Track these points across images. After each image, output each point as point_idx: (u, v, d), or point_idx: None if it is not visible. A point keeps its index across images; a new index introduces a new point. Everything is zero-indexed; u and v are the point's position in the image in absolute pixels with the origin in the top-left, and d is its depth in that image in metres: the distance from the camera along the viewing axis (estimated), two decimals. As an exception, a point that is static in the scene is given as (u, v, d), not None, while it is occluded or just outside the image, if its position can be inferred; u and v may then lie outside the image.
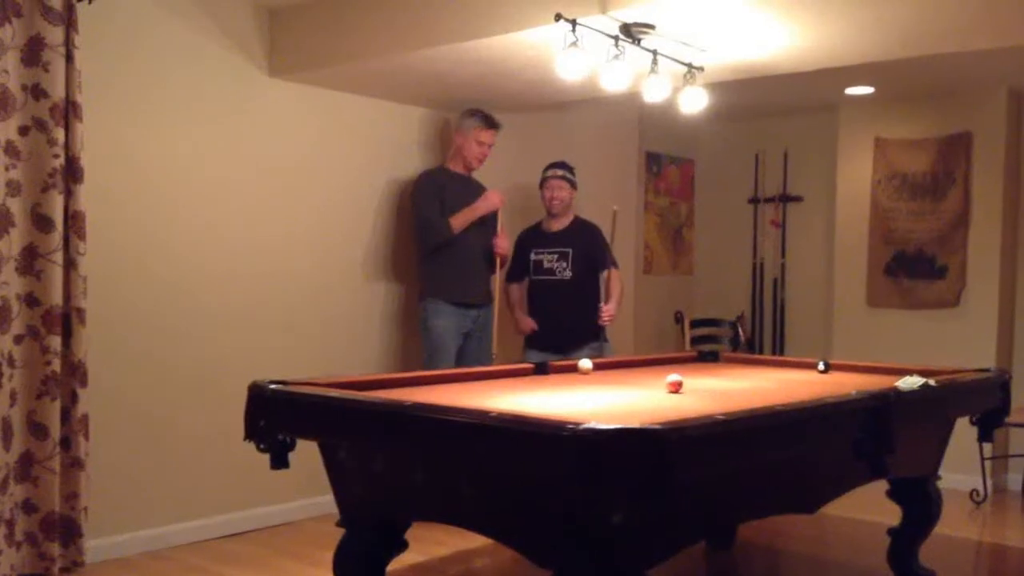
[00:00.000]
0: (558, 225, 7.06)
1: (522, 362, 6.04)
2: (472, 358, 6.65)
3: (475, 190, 6.89)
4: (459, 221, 6.63)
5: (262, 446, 3.94)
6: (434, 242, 6.67)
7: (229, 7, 6.10)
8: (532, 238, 7.13)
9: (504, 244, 6.89)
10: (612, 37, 5.09)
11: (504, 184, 7.13)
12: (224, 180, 6.11)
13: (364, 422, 3.72)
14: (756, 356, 7.52)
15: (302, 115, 6.53)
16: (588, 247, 6.91)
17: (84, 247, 5.21)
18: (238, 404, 4.02)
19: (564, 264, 6.92)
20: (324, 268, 6.67)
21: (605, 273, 7.01)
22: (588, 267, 6.93)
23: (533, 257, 7.06)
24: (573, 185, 7.05)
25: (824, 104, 8.37)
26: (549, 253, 7.00)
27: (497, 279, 6.90)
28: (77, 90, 5.17)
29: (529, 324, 7.01)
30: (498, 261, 6.89)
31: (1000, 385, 5.09)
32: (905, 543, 5.07)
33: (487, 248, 6.83)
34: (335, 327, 6.73)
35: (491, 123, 6.82)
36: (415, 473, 3.78)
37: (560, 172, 7.02)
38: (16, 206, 5.04)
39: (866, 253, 8.16)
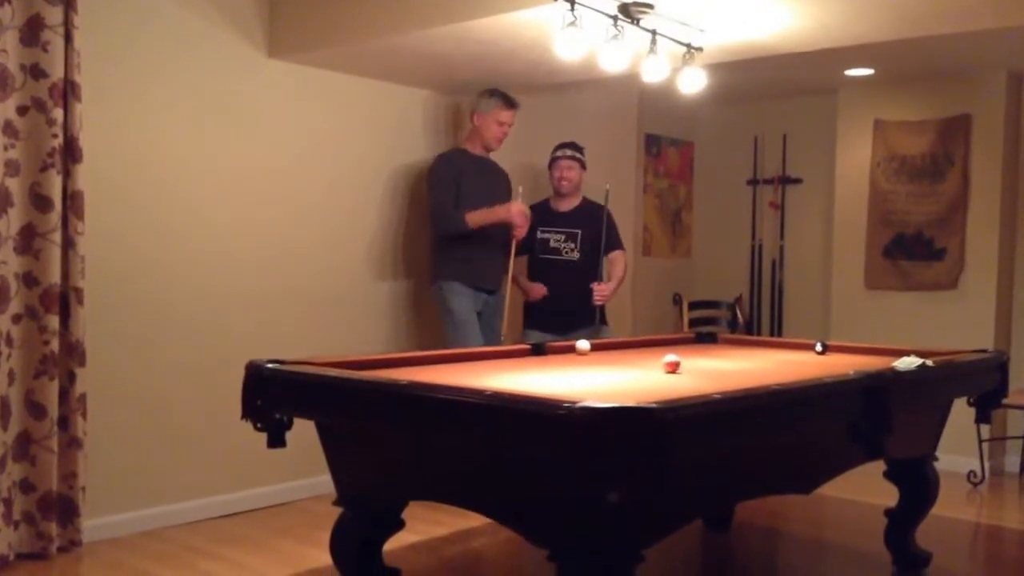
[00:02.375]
0: (567, 205, 7.04)
1: (522, 342, 6.03)
2: (482, 338, 6.62)
3: (493, 172, 6.87)
4: (475, 219, 6.54)
5: (259, 425, 3.94)
6: (447, 233, 6.62)
7: (227, -14, 6.10)
8: (540, 215, 7.04)
9: (523, 228, 6.76)
10: (611, 17, 5.08)
11: (503, 165, 7.09)
12: (223, 161, 6.10)
13: (360, 401, 3.72)
14: (754, 337, 7.54)
15: (302, 96, 6.51)
16: (597, 229, 6.89)
17: (82, 227, 5.22)
18: (236, 384, 4.02)
19: (572, 245, 6.90)
20: (324, 250, 6.66)
21: (612, 254, 7.01)
22: (595, 249, 6.92)
23: (539, 235, 7.02)
24: (583, 165, 7.05)
25: (823, 86, 8.37)
26: (557, 233, 6.98)
27: (511, 262, 6.82)
28: (76, 70, 5.16)
29: (540, 289, 6.93)
30: (514, 244, 6.77)
31: (998, 366, 5.09)
32: (902, 524, 5.07)
33: (504, 233, 6.73)
34: (335, 309, 6.73)
35: (511, 103, 6.75)
36: (412, 452, 3.79)
37: (570, 152, 7.02)
38: (15, 186, 5.04)
39: (865, 235, 8.17)
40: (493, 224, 6.62)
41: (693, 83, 5.70)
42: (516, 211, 6.64)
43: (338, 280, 6.75)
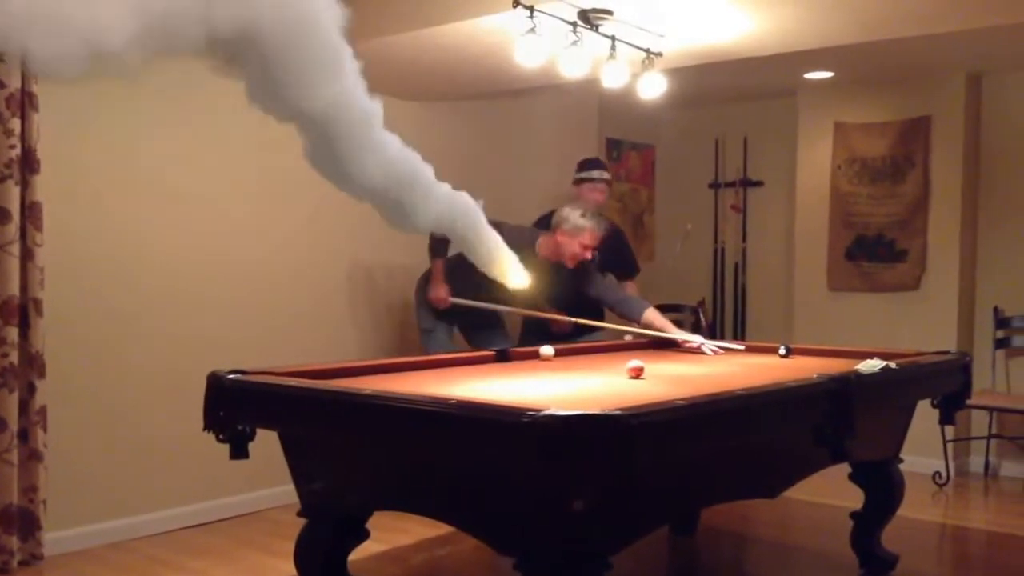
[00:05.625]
0: None
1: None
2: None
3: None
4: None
5: (221, 436, 3.91)
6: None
7: (187, -6, 6.03)
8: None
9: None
10: (570, 23, 5.09)
11: (463, 173, 7.05)
12: (185, 170, 6.04)
13: (322, 411, 3.68)
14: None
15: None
16: (612, 251, 6.75)
17: (41, 238, 5.17)
18: (198, 394, 3.98)
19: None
20: (288, 259, 6.62)
21: (627, 283, 6.95)
22: (610, 270, 6.80)
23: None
24: (609, 185, 7.01)
25: (783, 89, 8.39)
26: None
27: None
28: (33, 80, 5.12)
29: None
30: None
31: (961, 368, 5.10)
32: (867, 526, 5.09)
33: None
34: (301, 319, 6.69)
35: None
36: (375, 462, 3.77)
37: (607, 175, 7.01)
38: (-29, 197, 5.00)
39: (827, 237, 8.20)
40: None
41: (653, 88, 5.72)
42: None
43: (302, 290, 6.71)
